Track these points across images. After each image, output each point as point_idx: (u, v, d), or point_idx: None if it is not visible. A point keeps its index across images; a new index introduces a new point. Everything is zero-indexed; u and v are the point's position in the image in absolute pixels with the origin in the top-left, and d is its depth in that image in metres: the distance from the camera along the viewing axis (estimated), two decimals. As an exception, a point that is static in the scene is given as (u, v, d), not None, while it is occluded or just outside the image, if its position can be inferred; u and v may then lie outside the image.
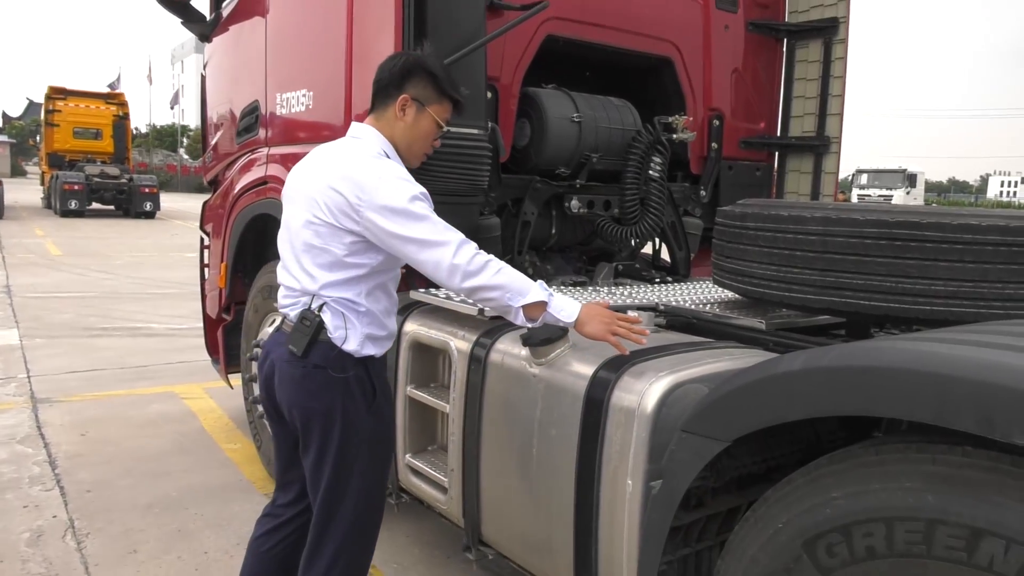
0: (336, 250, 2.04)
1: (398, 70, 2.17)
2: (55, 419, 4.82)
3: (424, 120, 2.20)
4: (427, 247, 2.00)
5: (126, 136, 25.77)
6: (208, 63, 4.81)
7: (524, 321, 2.06)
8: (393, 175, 2.05)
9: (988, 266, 2.07)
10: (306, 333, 2.05)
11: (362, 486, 2.16)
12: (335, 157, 2.13)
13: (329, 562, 2.17)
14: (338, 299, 2.07)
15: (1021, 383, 1.17)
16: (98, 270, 11.76)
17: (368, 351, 2.12)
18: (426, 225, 2.01)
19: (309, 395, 2.10)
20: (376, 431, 2.17)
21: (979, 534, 1.25)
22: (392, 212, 1.98)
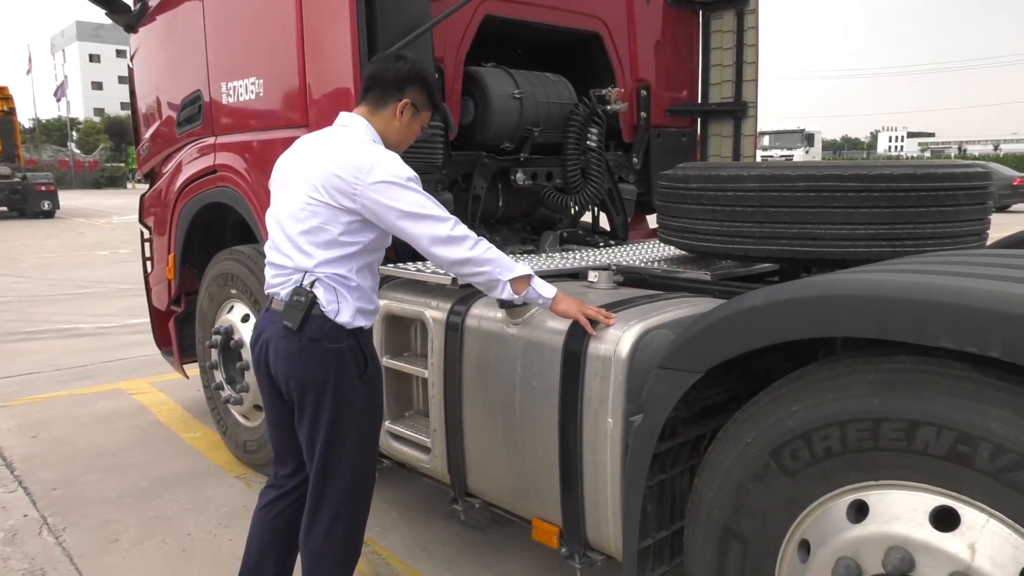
0: (333, 229, 2.19)
1: (403, 74, 2.33)
2: (0, 425, 4.72)
3: (416, 124, 2.42)
4: (423, 220, 2.17)
5: (14, 132, 24.27)
6: (135, 54, 4.73)
7: (510, 294, 2.25)
8: (389, 156, 2.23)
9: (901, 210, 2.39)
10: (300, 308, 2.19)
11: (356, 452, 2.32)
12: (330, 144, 2.28)
13: (327, 525, 2.33)
14: (331, 275, 2.21)
15: (944, 296, 1.45)
16: (6, 274, 11.23)
17: (359, 323, 2.27)
18: (423, 199, 2.18)
19: (305, 366, 2.24)
20: (368, 399, 2.33)
21: (916, 425, 1.53)
22: (390, 186, 2.14)
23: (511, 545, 3.15)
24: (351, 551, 2.40)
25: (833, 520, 1.69)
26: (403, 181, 2.16)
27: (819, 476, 1.69)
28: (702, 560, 1.94)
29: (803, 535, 1.74)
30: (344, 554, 2.37)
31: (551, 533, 2.42)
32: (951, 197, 2.43)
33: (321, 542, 2.34)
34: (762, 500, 1.79)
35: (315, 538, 2.35)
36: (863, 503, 1.65)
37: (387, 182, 2.14)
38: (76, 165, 40.63)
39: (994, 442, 1.43)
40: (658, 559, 2.21)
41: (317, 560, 2.34)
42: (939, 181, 2.40)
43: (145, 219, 4.72)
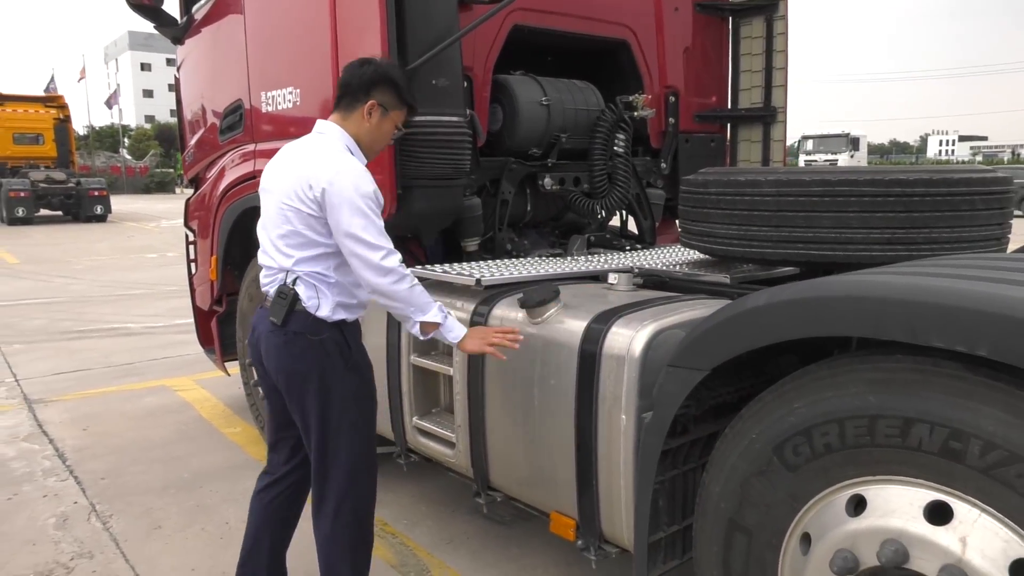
0: (307, 232, 2.34)
1: (368, 78, 2.43)
2: (54, 417, 4.97)
3: (386, 123, 2.49)
4: (358, 242, 2.28)
5: (69, 139, 25.18)
6: (182, 65, 4.95)
7: (419, 332, 2.43)
8: (353, 171, 2.32)
9: (916, 214, 2.42)
10: (283, 305, 2.37)
11: (352, 437, 2.45)
12: (304, 152, 2.42)
13: (333, 510, 2.47)
14: (309, 272, 2.37)
15: (934, 297, 1.50)
16: (60, 276, 11.69)
17: (339, 316, 2.41)
18: (368, 224, 2.29)
19: (292, 358, 2.41)
20: (358, 387, 2.47)
21: (910, 422, 1.58)
22: (343, 201, 2.26)
23: (534, 539, 3.24)
24: (360, 533, 2.52)
25: (833, 514, 1.74)
26: (356, 199, 2.27)
27: (819, 471, 1.75)
28: (709, 552, 2.01)
29: (805, 528, 1.80)
30: (354, 537, 2.50)
31: (568, 526, 2.50)
32: (967, 202, 2.45)
33: (329, 527, 2.48)
34: (765, 494, 1.85)
35: (323, 524, 2.49)
36: (862, 497, 1.70)
37: (341, 196, 2.26)
38: (127, 171, 41.88)
39: (984, 439, 1.48)
40: (670, 552, 2.28)
41: (329, 545, 2.49)
42: (955, 186, 2.43)
43: (190, 222, 4.93)
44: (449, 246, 3.75)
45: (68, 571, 3.06)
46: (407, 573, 3.03)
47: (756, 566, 1.90)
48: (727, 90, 4.68)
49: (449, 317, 2.46)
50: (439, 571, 3.05)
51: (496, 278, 2.88)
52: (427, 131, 3.18)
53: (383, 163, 3.13)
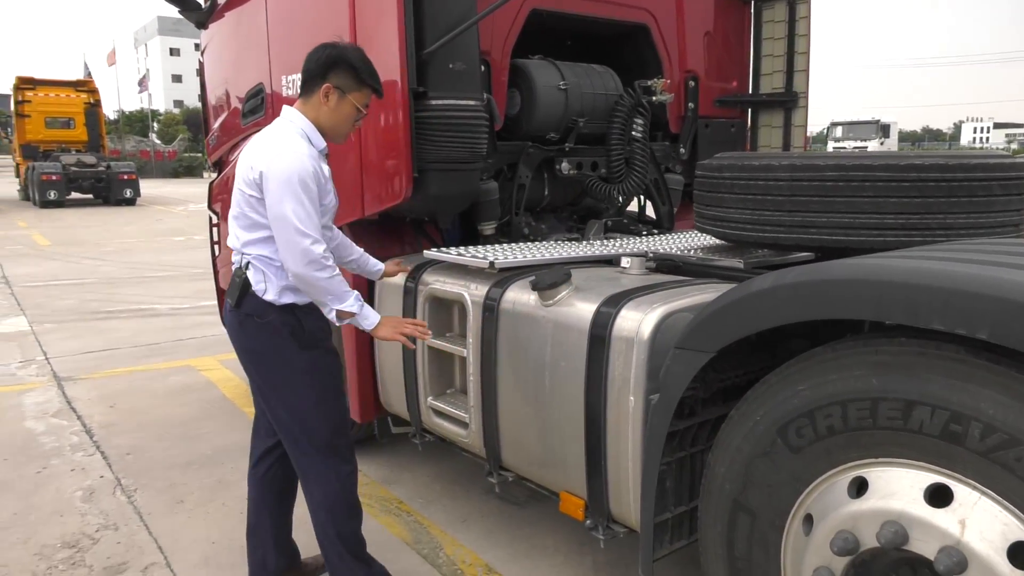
0: (252, 215, 2.41)
1: (322, 61, 2.44)
2: (82, 394, 5.11)
3: (345, 106, 2.47)
4: (287, 227, 2.30)
5: (99, 124, 25.52)
6: (205, 49, 5.01)
7: (333, 318, 2.44)
8: (291, 153, 2.34)
9: (931, 200, 2.41)
10: (237, 287, 2.45)
11: (317, 413, 2.52)
12: (259, 137, 2.48)
13: (315, 478, 2.55)
14: (257, 256, 2.43)
15: (935, 281, 1.51)
16: (90, 257, 11.91)
17: (287, 299, 2.45)
18: (297, 208, 2.30)
19: (247, 339, 2.50)
20: (315, 365, 2.51)
21: (911, 405, 1.59)
22: (275, 187, 2.30)
23: (545, 518, 3.28)
24: (343, 502, 2.59)
25: (835, 495, 1.76)
26: (288, 183, 2.29)
27: (822, 453, 1.77)
28: (713, 532, 2.03)
29: (807, 509, 1.82)
30: (337, 506, 2.57)
31: (577, 505, 2.54)
32: (984, 187, 2.43)
33: (312, 500, 2.57)
34: (769, 475, 1.87)
35: (308, 498, 2.59)
36: (864, 479, 1.71)
37: (275, 179, 2.30)
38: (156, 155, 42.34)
39: (984, 422, 1.49)
40: (676, 533, 2.31)
41: (315, 514, 2.59)
42: (971, 171, 2.41)
43: (213, 205, 5.01)
44: (466, 230, 3.78)
45: (94, 542, 3.16)
46: (421, 550, 3.09)
47: (759, 546, 1.92)
48: (748, 75, 4.64)
49: (364, 307, 2.48)
50: (452, 548, 3.10)
51: (509, 261, 2.91)
52: (444, 115, 3.20)
53: (399, 147, 3.17)
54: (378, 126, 3.25)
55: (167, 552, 3.09)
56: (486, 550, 3.08)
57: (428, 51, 3.13)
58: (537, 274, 2.63)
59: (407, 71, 3.09)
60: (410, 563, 3.00)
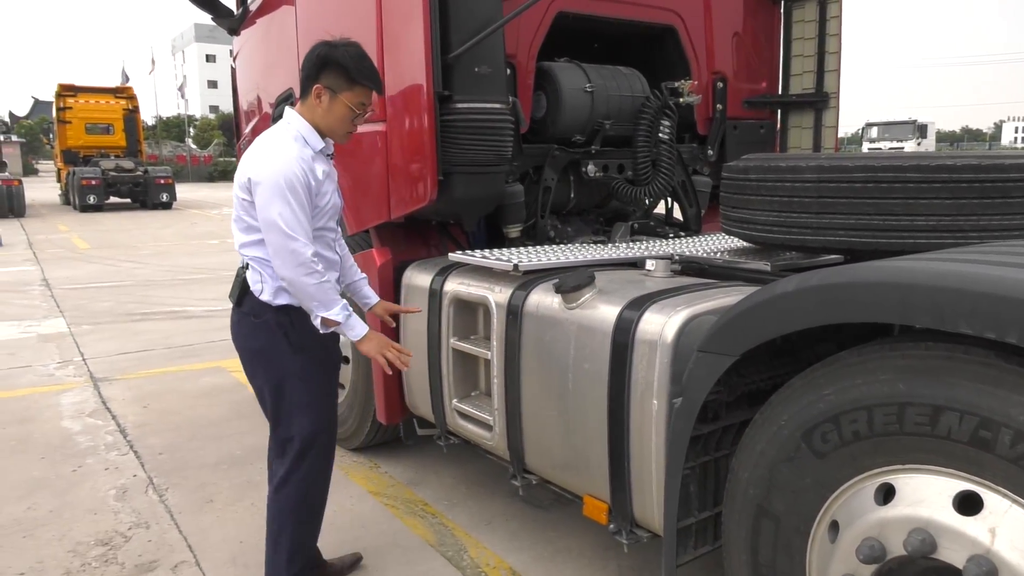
0: (247, 219, 2.45)
1: (313, 62, 2.45)
2: (117, 395, 5.21)
3: (337, 106, 2.46)
4: (275, 231, 2.33)
5: (137, 129, 26.03)
6: (237, 55, 5.10)
7: (319, 325, 2.44)
8: (279, 157, 2.36)
9: (963, 201, 2.35)
10: (237, 286, 2.51)
11: (303, 415, 2.54)
12: (256, 141, 2.50)
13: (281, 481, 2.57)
14: (254, 257, 2.48)
15: (962, 283, 1.47)
16: (127, 260, 12.15)
17: (282, 300, 2.48)
18: (285, 211, 2.32)
19: (243, 337, 2.57)
20: (306, 367, 2.54)
21: (939, 410, 1.55)
22: (264, 190, 2.33)
23: (571, 523, 3.27)
24: (305, 506, 2.61)
25: (861, 502, 1.73)
26: (277, 186, 2.32)
27: (848, 459, 1.74)
28: (737, 537, 2.01)
29: (833, 516, 1.79)
30: (301, 506, 2.59)
31: (600, 509, 2.52)
32: (1019, 188, 2.37)
33: (273, 500, 2.59)
34: (793, 481, 1.84)
35: (270, 495, 2.61)
36: (891, 486, 1.68)
37: (264, 183, 2.33)
38: (192, 160, 43.12)
39: (1015, 428, 1.45)
40: (700, 538, 2.29)
41: (272, 512, 2.61)
42: (1005, 172, 2.35)
43: (244, 209, 5.07)
44: (492, 232, 3.79)
45: (126, 540, 3.22)
46: (445, 552, 3.10)
47: (784, 553, 1.89)
48: (778, 75, 4.59)
49: (352, 317, 2.46)
50: (476, 551, 3.10)
51: (534, 263, 2.91)
52: (469, 118, 3.21)
53: (425, 150, 3.18)
54: (404, 129, 3.28)
55: (196, 551, 3.13)
56: (510, 553, 3.08)
57: (454, 55, 3.14)
58: (561, 277, 2.63)
59: (432, 75, 3.10)
60: (434, 565, 3.01)
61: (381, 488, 3.70)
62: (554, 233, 3.84)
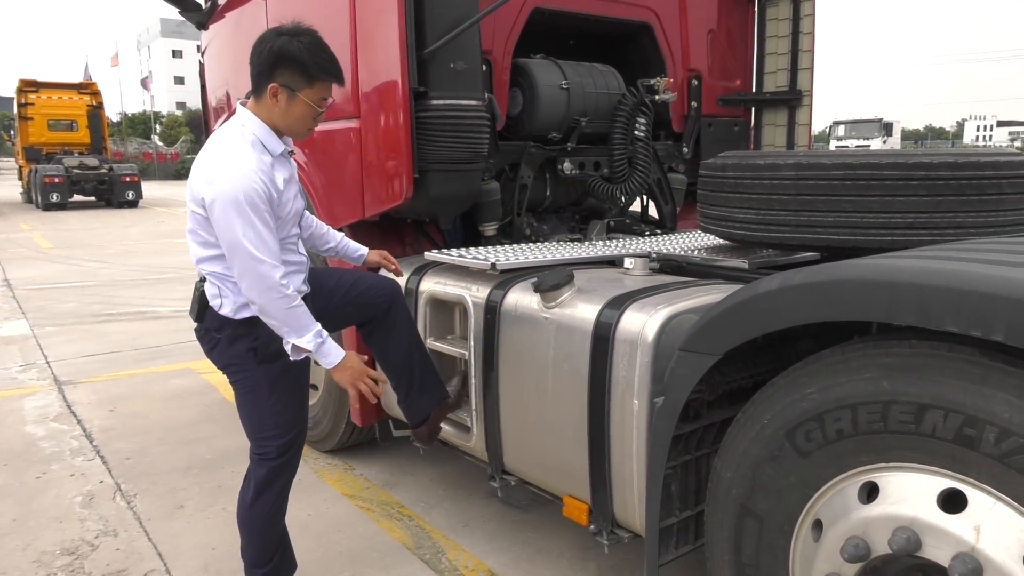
0: (202, 233, 2.28)
1: (265, 58, 2.24)
2: (82, 398, 5.07)
3: (296, 105, 2.27)
4: (241, 254, 2.16)
5: (101, 126, 25.52)
6: (206, 50, 4.99)
7: (290, 350, 2.31)
8: (234, 171, 2.15)
9: (940, 198, 2.37)
10: (196, 302, 2.39)
11: (271, 419, 2.45)
12: (209, 143, 2.33)
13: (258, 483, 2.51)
14: (212, 272, 2.33)
15: (948, 281, 1.47)
16: (91, 260, 11.89)
17: (244, 314, 2.33)
18: (248, 231, 2.15)
19: (209, 353, 2.47)
20: (274, 375, 2.41)
21: (924, 408, 1.55)
22: (222, 210, 2.14)
23: (550, 523, 3.24)
24: (278, 513, 2.56)
25: (845, 501, 1.72)
26: (236, 205, 2.13)
27: (831, 457, 1.73)
28: (720, 537, 2.00)
29: (817, 515, 1.78)
30: (264, 525, 2.53)
31: (581, 510, 2.50)
32: (994, 186, 2.39)
33: (250, 503, 2.52)
34: (777, 480, 1.83)
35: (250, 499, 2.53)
36: (874, 484, 1.67)
37: (221, 202, 2.14)
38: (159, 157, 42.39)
39: (999, 425, 1.45)
40: (682, 538, 2.27)
41: (246, 519, 2.53)
42: (981, 169, 2.37)
43: (213, 207, 4.97)
44: (468, 230, 3.75)
45: (93, 548, 3.13)
46: (423, 555, 3.05)
47: (767, 552, 1.88)
48: (752, 73, 4.61)
49: (326, 343, 2.32)
50: (454, 553, 3.06)
51: (511, 262, 2.88)
52: (445, 115, 3.17)
53: (400, 147, 3.13)
54: (378, 127, 3.22)
55: (167, 558, 3.05)
56: (489, 555, 3.04)
57: (429, 50, 3.09)
58: (539, 275, 2.60)
59: (408, 71, 3.06)
60: (412, 569, 2.96)
61: (356, 490, 3.64)
62: (530, 231, 3.81)
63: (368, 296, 2.73)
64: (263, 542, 2.57)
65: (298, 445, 2.58)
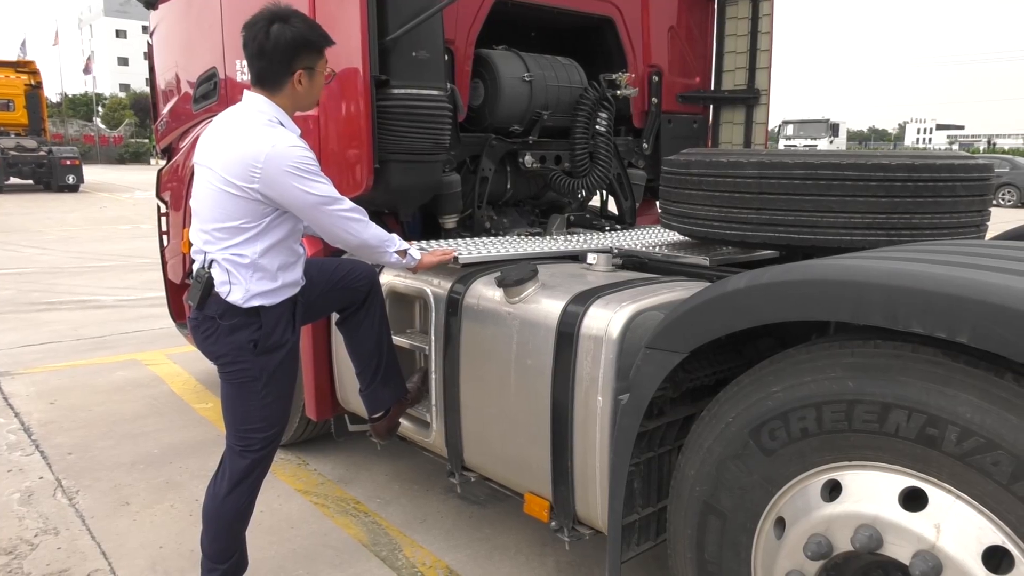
0: (232, 212, 2.25)
1: (284, 51, 2.28)
2: (20, 390, 4.87)
3: (318, 79, 2.41)
4: (333, 203, 2.33)
5: (40, 107, 24.53)
6: (155, 30, 4.81)
7: (397, 260, 2.57)
8: (286, 142, 2.25)
9: (897, 199, 2.41)
10: (199, 288, 2.31)
11: (258, 411, 2.41)
12: (233, 127, 2.31)
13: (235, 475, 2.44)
14: (226, 257, 2.28)
15: (915, 283, 1.48)
16: (30, 246, 11.45)
17: (255, 302, 2.31)
18: (325, 186, 2.31)
19: (205, 341, 2.39)
20: (270, 367, 2.38)
21: (888, 408, 1.57)
22: (293, 175, 2.22)
23: (507, 519, 3.22)
24: (240, 516, 2.50)
25: (808, 498, 1.73)
26: (304, 166, 2.24)
27: (795, 455, 1.74)
28: (683, 535, 2.00)
29: (779, 512, 1.79)
30: (234, 519, 2.48)
31: (542, 507, 2.48)
32: (949, 188, 2.44)
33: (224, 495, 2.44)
34: (741, 478, 1.84)
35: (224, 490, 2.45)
36: (837, 483, 1.69)
37: (288, 171, 2.21)
38: (101, 140, 41.02)
39: (961, 425, 1.47)
40: (643, 534, 2.27)
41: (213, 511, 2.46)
42: (937, 172, 2.42)
43: (162, 194, 4.82)
44: (427, 223, 3.69)
45: (32, 548, 3.00)
46: (379, 552, 3.01)
47: (730, 549, 1.89)
48: (711, 71, 4.64)
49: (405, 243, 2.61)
50: (411, 550, 3.02)
51: (474, 256, 2.84)
52: (406, 104, 3.11)
53: (360, 136, 3.07)
54: (338, 115, 3.15)
55: (111, 558, 2.94)
56: (446, 551, 3.01)
57: (391, 38, 3.03)
58: (503, 270, 2.57)
59: (369, 58, 2.99)
60: (368, 566, 2.91)
61: (310, 486, 3.57)
62: (490, 224, 3.78)
63: (348, 281, 2.72)
64: (229, 537, 2.50)
65: (280, 438, 2.53)
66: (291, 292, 2.43)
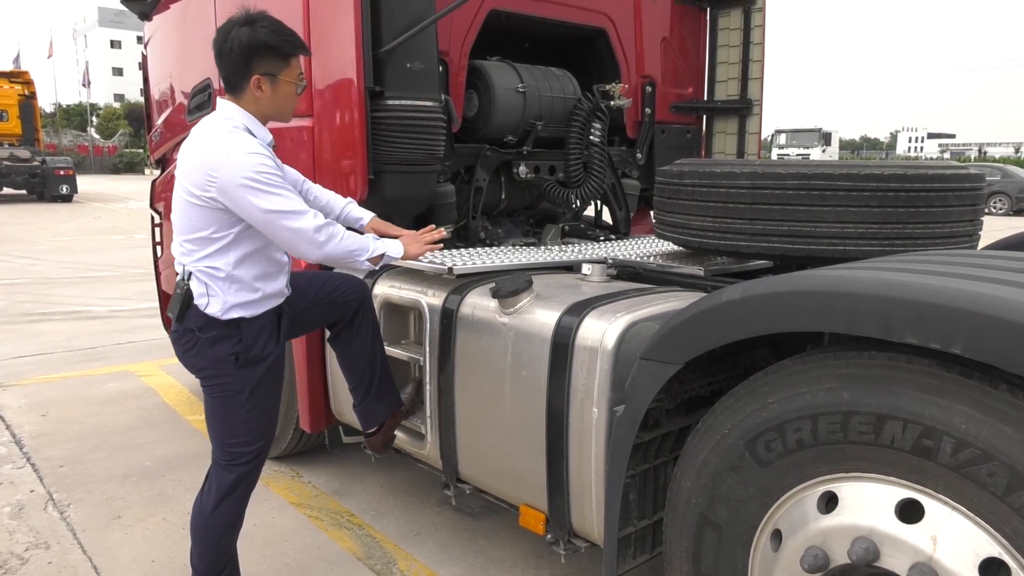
0: (198, 223, 2.22)
1: (238, 55, 2.22)
2: (12, 402, 4.84)
3: (282, 87, 2.30)
4: (286, 217, 2.18)
5: (34, 116, 24.55)
6: (149, 42, 4.81)
7: (368, 266, 2.43)
8: (243, 149, 2.16)
9: (890, 209, 2.42)
10: (179, 300, 2.29)
11: (241, 426, 2.38)
12: (196, 136, 2.27)
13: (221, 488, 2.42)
14: (202, 268, 2.26)
15: (909, 294, 1.48)
16: (22, 256, 11.41)
17: (234, 314, 2.28)
18: (280, 197, 2.17)
19: (185, 354, 2.37)
20: (252, 380, 2.35)
21: (883, 419, 1.56)
22: (244, 186, 2.12)
23: (502, 532, 3.20)
24: (238, 521, 2.49)
25: (804, 511, 1.73)
26: (256, 177, 2.13)
27: (791, 467, 1.73)
28: (679, 547, 1.99)
29: (776, 525, 1.79)
30: (222, 534, 2.46)
31: (537, 519, 2.47)
32: (941, 198, 2.45)
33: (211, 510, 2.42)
34: (737, 490, 1.83)
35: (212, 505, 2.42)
36: (833, 494, 1.69)
37: (240, 182, 2.12)
38: (95, 150, 41.01)
39: (956, 436, 1.47)
40: (640, 547, 2.26)
41: (199, 533, 2.44)
42: (929, 182, 2.43)
43: (156, 204, 4.81)
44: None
45: (23, 562, 2.97)
46: (373, 565, 2.98)
47: (726, 562, 1.88)
48: (704, 81, 4.66)
49: (382, 241, 2.46)
50: (406, 563, 3.00)
51: (468, 267, 2.83)
52: (401, 115, 3.12)
53: (355, 147, 3.07)
54: (333, 126, 3.15)
55: (103, 572, 2.91)
56: (441, 565, 2.99)
57: (385, 49, 3.04)
58: (497, 281, 2.56)
59: (363, 70, 2.99)
60: (362, 579, 2.89)
61: (304, 499, 3.55)
62: (485, 235, 3.78)
63: (339, 295, 2.69)
64: (218, 552, 2.47)
65: (267, 451, 2.51)
66: (274, 303, 2.40)
